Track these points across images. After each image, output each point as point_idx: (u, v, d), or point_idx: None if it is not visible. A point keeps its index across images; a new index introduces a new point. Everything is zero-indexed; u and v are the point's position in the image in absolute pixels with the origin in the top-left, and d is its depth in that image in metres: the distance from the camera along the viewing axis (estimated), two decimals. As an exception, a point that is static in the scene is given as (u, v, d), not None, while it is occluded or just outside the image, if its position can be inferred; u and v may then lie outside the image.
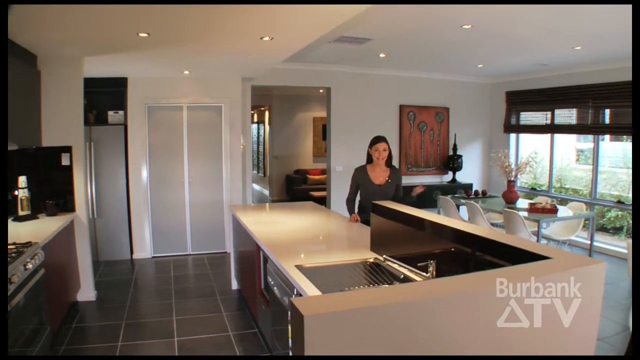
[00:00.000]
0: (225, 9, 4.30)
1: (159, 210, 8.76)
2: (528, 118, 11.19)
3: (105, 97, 8.38)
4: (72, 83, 6.27)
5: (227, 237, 8.70)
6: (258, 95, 13.30)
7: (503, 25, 6.38)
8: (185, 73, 8.31)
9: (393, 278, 3.37)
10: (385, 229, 3.83)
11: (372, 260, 3.77)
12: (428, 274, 3.02)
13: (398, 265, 3.46)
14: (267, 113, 16.79)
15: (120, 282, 7.31)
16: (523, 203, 8.65)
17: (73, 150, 6.31)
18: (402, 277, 3.32)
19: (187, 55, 6.79)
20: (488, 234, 2.66)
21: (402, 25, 6.55)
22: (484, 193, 9.73)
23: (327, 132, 10.87)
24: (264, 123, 17.47)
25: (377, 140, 5.62)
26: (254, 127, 18.93)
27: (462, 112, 11.80)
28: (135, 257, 8.61)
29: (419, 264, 3.10)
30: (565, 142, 10.97)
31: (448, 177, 11.62)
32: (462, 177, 11.69)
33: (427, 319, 1.69)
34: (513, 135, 11.70)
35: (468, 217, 8.60)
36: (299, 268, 3.46)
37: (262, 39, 5.61)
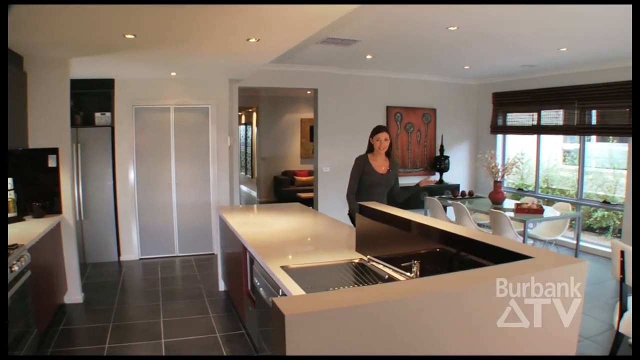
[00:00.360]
0: (211, 10, 4.31)
1: (147, 212, 8.75)
2: (515, 119, 11.24)
3: (93, 98, 8.34)
4: (58, 84, 6.24)
5: (214, 238, 8.69)
6: (246, 97, 13.31)
7: (489, 27, 6.41)
8: (172, 75, 8.31)
9: (378, 278, 3.39)
10: (371, 230, 3.86)
11: (357, 261, 3.80)
12: (412, 274, 3.04)
13: (383, 266, 3.49)
14: (254, 114, 16.78)
15: (108, 284, 7.29)
16: (510, 203, 8.68)
17: (60, 152, 6.29)
18: (386, 277, 3.35)
19: (173, 57, 6.79)
20: (471, 234, 2.69)
21: (388, 27, 6.57)
22: (471, 194, 9.76)
23: (314, 133, 10.88)
24: (252, 124, 17.45)
25: (379, 130, 5.63)
26: (242, 128, 18.91)
27: (449, 113, 11.86)
28: (123, 259, 8.58)
29: (403, 264, 3.13)
30: (552, 142, 11.05)
31: (435, 178, 11.62)
32: (449, 178, 11.74)
33: (407, 318, 1.71)
34: (500, 136, 11.76)
35: (455, 217, 8.63)
36: (285, 269, 3.48)
37: (248, 41, 5.63)
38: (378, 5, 5.38)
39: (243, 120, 18.83)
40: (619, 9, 5.30)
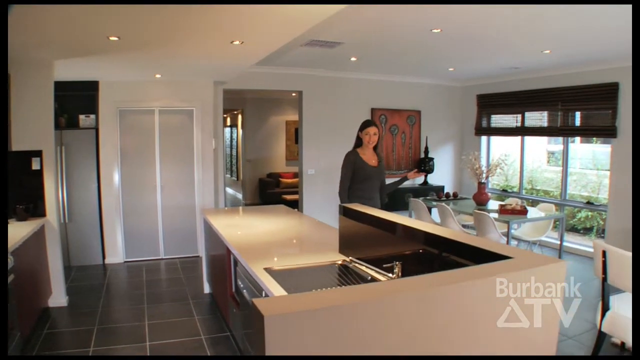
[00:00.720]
0: (195, 12, 4.31)
1: (131, 215, 8.72)
2: (499, 121, 11.30)
3: (77, 100, 8.30)
4: (42, 86, 6.21)
5: (199, 241, 8.68)
6: (231, 99, 13.30)
7: (472, 30, 6.44)
8: (157, 77, 8.30)
9: (361, 279, 3.41)
10: (354, 232, 3.87)
11: (340, 263, 3.82)
12: (393, 275, 3.06)
13: (365, 267, 3.51)
14: (240, 117, 16.76)
15: (92, 287, 7.26)
16: (494, 205, 8.74)
17: (43, 155, 6.26)
18: (369, 278, 3.37)
19: (158, 59, 6.78)
20: (452, 236, 2.71)
21: (372, 30, 6.59)
22: (455, 195, 9.80)
23: (298, 135, 10.89)
24: (237, 127, 17.43)
25: (368, 124, 5.71)
26: (227, 130, 18.90)
27: (433, 115, 11.89)
28: (108, 261, 8.55)
29: (385, 265, 3.15)
30: (537, 144, 11.12)
31: (420, 179, 11.65)
32: (433, 179, 11.79)
33: (384, 318, 1.73)
34: (484, 138, 11.82)
35: (439, 219, 8.66)
36: (268, 271, 3.49)
37: (232, 43, 5.64)
38: (361, 8, 5.39)
39: (228, 123, 18.80)
40: (603, 12, 5.35)
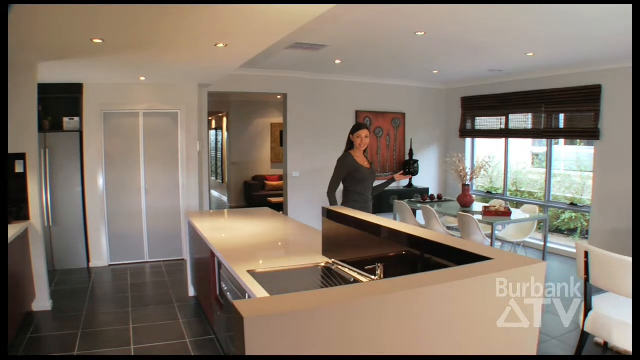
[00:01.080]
0: (178, 13, 4.30)
1: (116, 218, 8.70)
2: (483, 123, 11.36)
3: (61, 103, 8.27)
4: (26, 89, 6.18)
5: (184, 244, 8.66)
6: (216, 102, 13.29)
7: (456, 33, 6.46)
8: (142, 79, 8.30)
9: (344, 281, 3.43)
10: (337, 234, 3.89)
11: (323, 265, 3.84)
12: (376, 277, 3.08)
13: (348, 269, 3.53)
14: (225, 119, 16.75)
15: (77, 291, 7.23)
16: (478, 206, 8.78)
17: (27, 157, 6.22)
18: (352, 280, 3.38)
19: (142, 62, 6.78)
20: (434, 237, 2.73)
21: (356, 33, 6.61)
22: (440, 197, 9.84)
23: (283, 138, 10.90)
24: (222, 129, 17.40)
25: (359, 127, 5.76)
26: (213, 133, 18.87)
27: (418, 117, 11.94)
28: (92, 265, 8.51)
29: (367, 267, 3.17)
30: (521, 146, 11.19)
31: (404, 181, 11.70)
32: (418, 181, 11.83)
33: (363, 320, 1.74)
34: (469, 140, 11.88)
35: (424, 221, 8.69)
36: (251, 273, 3.51)
37: (216, 46, 5.65)
38: (345, 12, 5.41)
39: (213, 125, 18.79)
40: (588, 14, 5.39)
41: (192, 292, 6.87)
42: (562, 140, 10.24)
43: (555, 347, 5.22)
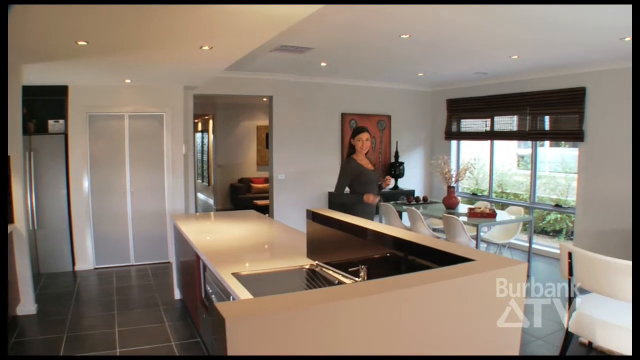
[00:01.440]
0: (162, 16, 4.30)
1: (101, 221, 8.66)
2: (468, 125, 11.41)
3: (46, 105, 8.24)
4: (10, 91, 6.10)
5: (169, 247, 8.61)
6: (202, 104, 13.27)
7: (440, 35, 6.48)
8: (127, 82, 8.27)
9: (328, 283, 3.45)
10: (322, 236, 3.90)
11: (307, 267, 3.85)
12: (359, 278, 3.10)
13: (332, 271, 3.54)
14: (211, 122, 16.72)
15: (62, 294, 7.19)
16: (464, 208, 8.80)
17: (11, 160, 6.17)
18: (336, 282, 3.40)
19: (127, 64, 6.76)
20: (417, 239, 2.75)
21: (341, 35, 6.62)
22: (425, 199, 9.86)
23: (269, 140, 10.90)
24: (208, 132, 17.37)
25: (360, 131, 5.82)
26: (199, 135, 18.84)
27: (403, 119, 11.98)
28: (78, 268, 8.47)
29: (350, 269, 3.18)
30: (507, 148, 11.24)
31: (390, 185, 11.66)
32: (404, 183, 11.85)
33: (342, 320, 1.76)
34: (454, 142, 11.92)
35: (409, 223, 8.70)
36: (236, 276, 3.52)
37: (201, 48, 5.65)
38: (331, 14, 5.41)
39: (199, 128, 18.76)
40: (572, 16, 5.43)
41: (177, 295, 6.86)
42: (547, 142, 10.32)
43: (540, 347, 5.27)
